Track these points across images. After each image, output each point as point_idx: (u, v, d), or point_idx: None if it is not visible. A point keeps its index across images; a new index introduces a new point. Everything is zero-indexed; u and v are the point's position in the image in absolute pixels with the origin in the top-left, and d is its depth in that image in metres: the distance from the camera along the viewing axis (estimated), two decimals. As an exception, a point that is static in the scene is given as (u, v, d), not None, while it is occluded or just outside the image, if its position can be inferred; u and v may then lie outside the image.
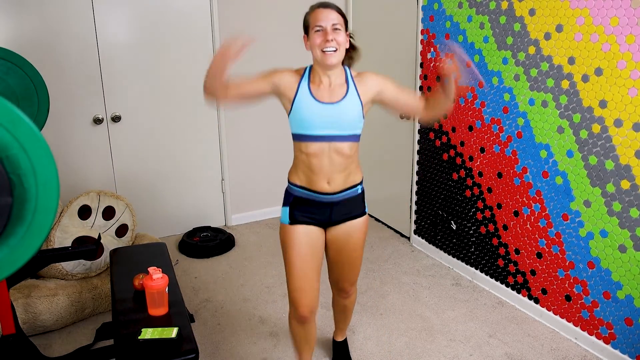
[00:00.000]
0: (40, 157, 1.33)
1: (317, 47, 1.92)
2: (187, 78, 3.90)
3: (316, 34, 1.92)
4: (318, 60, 1.95)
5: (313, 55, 1.97)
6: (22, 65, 2.71)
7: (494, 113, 3.06)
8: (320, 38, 1.91)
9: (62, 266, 2.91)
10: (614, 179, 2.46)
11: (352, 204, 2.14)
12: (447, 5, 3.26)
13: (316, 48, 1.93)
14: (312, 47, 1.95)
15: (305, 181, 2.07)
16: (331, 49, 1.90)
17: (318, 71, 2.00)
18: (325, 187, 2.05)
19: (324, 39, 1.90)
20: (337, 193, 2.07)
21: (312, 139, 1.99)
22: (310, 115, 1.97)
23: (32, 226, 1.36)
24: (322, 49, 1.91)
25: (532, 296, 3.02)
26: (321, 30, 1.91)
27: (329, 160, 2.01)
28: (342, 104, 1.98)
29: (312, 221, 2.11)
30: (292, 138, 2.07)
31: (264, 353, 2.70)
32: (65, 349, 2.73)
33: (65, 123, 3.59)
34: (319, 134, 1.98)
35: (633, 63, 2.31)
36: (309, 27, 1.96)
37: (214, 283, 3.42)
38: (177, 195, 4.08)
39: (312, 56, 1.98)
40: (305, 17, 2.00)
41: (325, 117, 1.97)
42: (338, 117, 1.98)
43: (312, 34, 1.94)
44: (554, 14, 2.62)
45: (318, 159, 2.01)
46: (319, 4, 1.97)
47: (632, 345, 2.52)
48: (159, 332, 1.96)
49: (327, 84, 2.00)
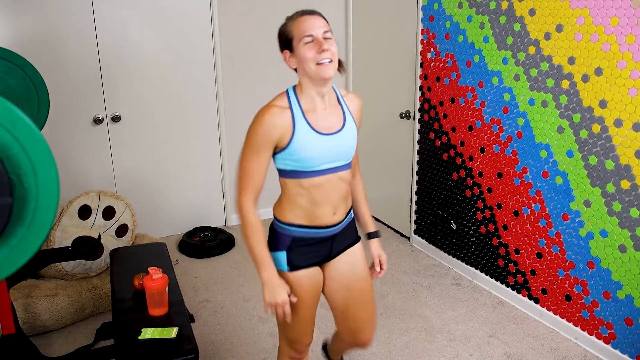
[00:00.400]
0: (41, 157, 1.33)
1: (311, 60, 1.63)
2: (187, 78, 3.90)
3: (306, 46, 1.63)
4: (312, 75, 1.66)
5: (303, 71, 1.67)
6: (23, 66, 2.71)
7: (494, 113, 3.06)
8: (313, 49, 1.63)
9: (62, 266, 2.91)
10: (614, 179, 2.46)
11: (350, 229, 1.92)
12: (447, 5, 3.26)
13: (309, 62, 1.63)
14: (303, 61, 1.65)
15: (305, 218, 1.77)
16: (327, 60, 1.63)
17: (309, 92, 1.71)
18: (332, 219, 1.80)
19: (318, 49, 1.62)
20: (340, 222, 1.84)
21: (313, 174, 1.72)
22: (312, 153, 1.68)
23: (32, 226, 1.36)
24: (317, 62, 1.63)
25: (532, 296, 3.02)
26: (312, 40, 1.64)
27: (334, 189, 1.77)
28: (343, 133, 1.75)
29: (313, 261, 1.84)
30: (280, 174, 1.77)
31: (264, 353, 2.70)
32: (65, 349, 2.73)
33: (65, 123, 3.59)
34: (321, 168, 1.72)
35: (633, 63, 2.31)
36: (291, 40, 1.67)
37: (214, 283, 3.42)
38: (177, 195, 4.08)
39: (300, 73, 1.70)
40: (283, 30, 1.71)
41: (329, 151, 1.71)
42: (341, 148, 1.74)
43: (300, 47, 1.64)
44: (554, 14, 2.62)
45: (323, 190, 1.75)
46: (302, 11, 1.70)
47: (632, 345, 2.52)
48: (159, 332, 1.96)
49: (322, 107, 1.73)
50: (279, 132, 1.66)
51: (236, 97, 4.08)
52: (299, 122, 1.67)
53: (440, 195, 3.58)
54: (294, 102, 1.71)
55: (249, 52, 4.05)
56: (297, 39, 1.66)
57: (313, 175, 1.72)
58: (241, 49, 4.01)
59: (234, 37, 3.96)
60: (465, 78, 3.22)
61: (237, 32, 3.97)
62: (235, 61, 4.01)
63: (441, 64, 3.39)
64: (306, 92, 1.72)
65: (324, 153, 1.70)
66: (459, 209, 3.44)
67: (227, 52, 3.95)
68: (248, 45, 4.02)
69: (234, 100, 4.07)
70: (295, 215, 1.78)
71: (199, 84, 3.96)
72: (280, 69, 4.19)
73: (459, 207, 3.44)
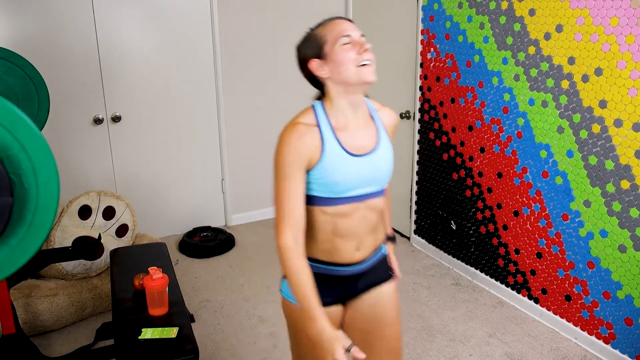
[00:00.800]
0: (41, 157, 1.33)
1: (351, 62, 1.42)
2: (188, 78, 3.90)
3: (344, 47, 1.43)
4: (351, 80, 1.44)
5: (338, 78, 1.45)
6: (23, 66, 2.71)
7: (494, 113, 3.06)
8: (352, 50, 1.43)
9: (62, 266, 2.91)
10: (614, 179, 2.46)
11: (379, 267, 1.66)
12: (447, 5, 3.26)
13: (349, 64, 1.42)
14: (340, 65, 1.43)
15: (324, 252, 1.54)
16: (369, 62, 1.43)
17: (341, 105, 1.49)
18: (354, 256, 1.56)
19: (358, 49, 1.43)
20: (366, 260, 1.59)
21: (340, 201, 1.49)
22: (341, 177, 1.46)
23: (33, 226, 1.36)
24: (357, 64, 1.42)
25: (532, 296, 3.02)
26: (350, 42, 1.44)
27: (361, 219, 1.53)
28: (378, 153, 1.52)
29: (333, 299, 1.60)
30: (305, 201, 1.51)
31: (264, 353, 2.71)
32: (66, 349, 2.74)
33: (65, 123, 3.59)
34: (349, 195, 1.49)
35: (633, 63, 2.31)
36: (323, 45, 1.46)
37: (214, 283, 3.42)
38: (177, 195, 4.08)
39: (332, 83, 1.48)
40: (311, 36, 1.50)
41: (360, 175, 1.48)
42: (375, 172, 1.52)
43: (336, 49, 1.44)
44: (554, 14, 2.62)
45: (349, 221, 1.51)
46: (333, 17, 1.52)
47: (631, 345, 2.52)
48: (159, 332, 1.96)
49: (355, 123, 1.51)
50: (307, 152, 1.43)
51: (236, 97, 4.08)
52: (328, 141, 1.45)
53: (440, 195, 3.58)
54: (322, 119, 1.48)
55: (249, 52, 4.05)
56: (331, 42, 1.45)
57: (339, 203, 1.49)
58: (241, 49, 4.01)
59: (234, 37, 3.96)
60: (465, 78, 3.22)
61: (237, 32, 3.97)
62: (235, 61, 4.01)
63: (441, 64, 3.39)
64: (337, 106, 1.49)
65: (355, 177, 1.47)
66: (459, 209, 3.44)
67: (227, 52, 3.96)
68: (248, 45, 4.02)
69: (234, 100, 4.07)
70: (315, 249, 1.54)
71: (199, 84, 3.96)
72: (281, 69, 4.20)
73: (459, 207, 3.44)
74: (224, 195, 4.26)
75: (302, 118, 1.48)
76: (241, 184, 4.26)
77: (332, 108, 1.50)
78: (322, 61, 1.47)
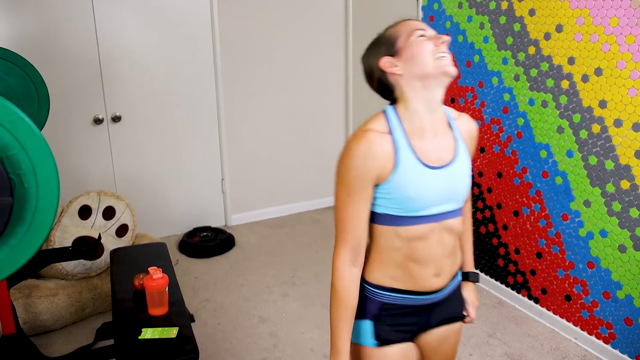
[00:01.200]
0: (41, 157, 1.33)
1: (429, 53, 1.29)
2: (188, 78, 3.90)
3: (421, 39, 1.30)
4: (430, 73, 1.29)
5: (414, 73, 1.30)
6: (23, 66, 2.71)
7: (494, 113, 3.06)
8: (430, 42, 1.30)
9: (62, 266, 2.91)
10: (614, 179, 2.46)
11: (455, 298, 1.51)
12: (447, 5, 3.26)
13: (427, 56, 1.29)
14: (417, 56, 1.29)
15: (402, 280, 1.37)
16: (447, 54, 1.30)
17: (418, 108, 1.32)
18: (433, 284, 1.39)
19: (436, 41, 1.30)
20: (444, 288, 1.43)
21: (415, 221, 1.32)
22: (417, 192, 1.29)
23: (33, 226, 1.36)
24: (436, 55, 1.29)
25: (532, 296, 3.02)
26: (425, 35, 1.32)
27: (438, 243, 1.36)
28: (455, 166, 1.35)
29: (406, 335, 1.43)
30: (371, 218, 1.35)
31: (264, 353, 2.71)
32: (66, 348, 2.74)
33: (65, 123, 3.59)
34: (425, 214, 1.33)
35: (633, 63, 2.32)
36: (396, 40, 1.33)
37: (214, 283, 3.42)
38: (177, 195, 4.08)
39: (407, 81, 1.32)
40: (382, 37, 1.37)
41: (437, 190, 1.32)
42: (453, 187, 1.35)
43: (412, 41, 1.30)
44: (553, 14, 2.62)
45: (424, 244, 1.35)
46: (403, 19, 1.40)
47: (631, 345, 2.52)
48: (159, 332, 1.96)
49: (432, 131, 1.33)
50: (378, 164, 1.26)
51: (236, 97, 4.08)
52: (402, 150, 1.28)
53: (440, 195, 3.58)
54: (396, 125, 1.31)
55: (249, 52, 4.05)
56: (405, 36, 1.31)
57: (414, 223, 1.32)
58: (241, 49, 4.01)
59: (234, 37, 3.96)
60: (465, 78, 3.22)
61: (237, 32, 3.97)
62: (235, 61, 4.01)
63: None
64: (413, 108, 1.32)
65: (432, 193, 1.31)
66: (458, 209, 3.44)
67: (227, 52, 3.96)
68: (248, 45, 4.02)
69: (234, 100, 4.07)
70: (387, 275, 1.37)
71: (199, 84, 3.96)
72: (281, 69, 4.21)
73: (458, 207, 3.43)
74: (224, 195, 4.26)
75: (372, 124, 1.31)
76: (241, 184, 4.27)
77: (407, 111, 1.32)
78: (395, 57, 1.32)
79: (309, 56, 4.27)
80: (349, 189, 1.29)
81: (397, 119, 1.32)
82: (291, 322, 2.97)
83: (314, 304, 3.15)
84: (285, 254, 3.79)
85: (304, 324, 2.95)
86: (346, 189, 1.29)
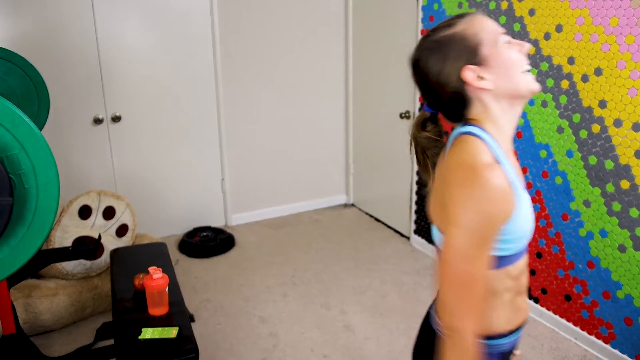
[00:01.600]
0: (41, 157, 1.33)
1: (519, 65, 1.10)
2: (188, 78, 3.90)
3: (509, 46, 1.10)
4: (520, 89, 1.11)
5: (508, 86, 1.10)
6: (23, 66, 2.71)
7: (494, 113, 3.06)
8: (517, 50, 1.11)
9: (62, 266, 2.91)
10: (614, 178, 2.46)
11: None
12: (447, 5, 3.26)
13: (516, 69, 1.10)
14: (510, 68, 1.09)
15: (514, 318, 1.21)
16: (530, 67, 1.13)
17: (505, 126, 1.13)
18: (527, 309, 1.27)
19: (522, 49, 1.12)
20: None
21: (522, 253, 1.18)
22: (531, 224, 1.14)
23: (33, 226, 1.36)
24: (523, 69, 1.11)
25: (531, 296, 3.02)
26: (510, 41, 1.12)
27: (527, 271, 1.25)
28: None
29: None
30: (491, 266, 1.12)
31: (264, 353, 2.71)
32: (66, 348, 2.74)
33: (65, 123, 3.60)
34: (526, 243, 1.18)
35: (633, 63, 2.32)
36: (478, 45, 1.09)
37: (214, 283, 3.42)
38: (177, 195, 4.08)
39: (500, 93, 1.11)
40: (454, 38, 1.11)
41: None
42: None
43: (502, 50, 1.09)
44: (553, 14, 2.62)
45: (525, 276, 1.23)
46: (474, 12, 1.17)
47: (631, 345, 2.52)
48: (159, 332, 1.96)
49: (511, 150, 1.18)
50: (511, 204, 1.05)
51: (236, 98, 4.08)
52: (514, 182, 1.08)
53: (440, 195, 3.58)
54: (500, 153, 1.09)
55: (249, 52, 4.05)
56: (490, 41, 1.09)
57: (521, 256, 1.18)
58: (241, 49, 4.01)
59: (234, 37, 3.96)
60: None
61: (237, 32, 3.97)
62: (235, 61, 4.01)
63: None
64: (503, 129, 1.12)
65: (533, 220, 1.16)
66: (458, 208, 3.44)
67: (227, 52, 3.96)
68: (248, 45, 4.02)
69: (234, 100, 4.08)
70: (503, 320, 1.19)
71: (199, 84, 3.96)
72: (281, 69, 4.21)
73: (458, 207, 3.43)
74: (224, 195, 4.26)
75: (482, 154, 1.05)
76: (241, 184, 4.27)
77: (499, 133, 1.12)
78: (482, 67, 1.08)
79: (310, 56, 4.27)
80: (480, 240, 1.03)
81: (495, 142, 1.10)
82: (291, 322, 2.97)
83: (314, 304, 3.15)
84: (285, 254, 3.80)
85: (304, 324, 2.95)
86: (476, 240, 1.03)
